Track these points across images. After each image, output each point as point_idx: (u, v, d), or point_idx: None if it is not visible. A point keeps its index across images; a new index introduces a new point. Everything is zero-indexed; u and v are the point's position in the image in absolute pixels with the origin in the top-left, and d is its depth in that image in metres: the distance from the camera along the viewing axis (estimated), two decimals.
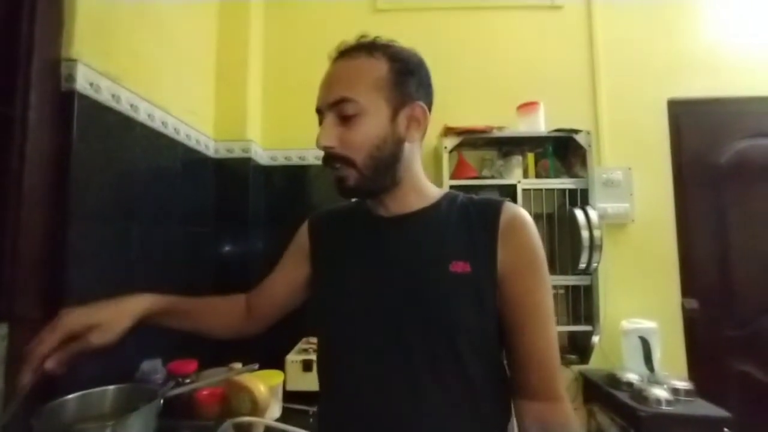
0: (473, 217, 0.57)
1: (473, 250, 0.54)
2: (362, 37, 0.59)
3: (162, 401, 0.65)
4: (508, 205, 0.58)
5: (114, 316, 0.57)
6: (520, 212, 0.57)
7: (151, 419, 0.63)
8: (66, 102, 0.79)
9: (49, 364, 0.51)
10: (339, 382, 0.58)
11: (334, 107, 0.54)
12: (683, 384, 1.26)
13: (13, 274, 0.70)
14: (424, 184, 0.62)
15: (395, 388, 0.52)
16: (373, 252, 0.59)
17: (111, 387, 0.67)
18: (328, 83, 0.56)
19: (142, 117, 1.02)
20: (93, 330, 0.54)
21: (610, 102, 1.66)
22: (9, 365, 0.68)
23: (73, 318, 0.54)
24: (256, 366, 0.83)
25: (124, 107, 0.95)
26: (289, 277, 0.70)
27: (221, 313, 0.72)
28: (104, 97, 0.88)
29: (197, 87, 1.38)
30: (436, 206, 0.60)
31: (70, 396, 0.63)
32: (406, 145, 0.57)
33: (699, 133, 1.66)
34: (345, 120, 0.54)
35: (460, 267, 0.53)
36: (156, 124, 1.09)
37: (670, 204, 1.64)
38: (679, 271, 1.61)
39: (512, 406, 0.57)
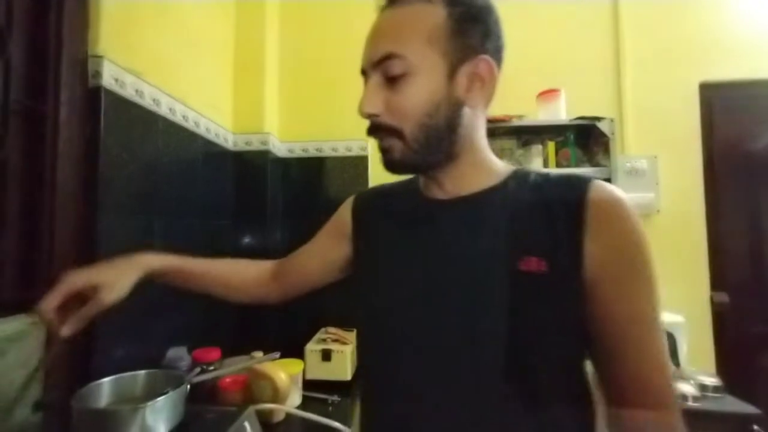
0: (552, 201, 0.45)
1: (552, 243, 0.43)
2: None
3: (188, 387, 0.68)
4: (599, 185, 0.44)
5: (118, 274, 0.56)
6: (615, 193, 0.44)
7: (179, 403, 0.66)
8: (93, 98, 0.82)
9: (65, 331, 0.52)
10: (376, 381, 0.53)
11: (380, 66, 0.46)
12: (711, 380, 1.22)
13: (49, 264, 0.74)
14: (488, 158, 0.51)
15: (442, 405, 0.44)
16: (423, 241, 0.50)
17: (141, 372, 0.70)
18: (374, 37, 0.47)
19: (163, 111, 1.05)
20: (101, 289, 0.53)
21: (636, 87, 1.59)
22: (47, 349, 0.72)
23: (77, 277, 0.54)
24: (278, 354, 0.85)
25: (147, 102, 0.97)
26: (326, 254, 0.64)
27: (242, 275, 0.68)
28: (128, 92, 0.91)
29: (216, 81, 1.40)
30: (502, 186, 0.49)
31: (105, 379, 0.66)
32: (466, 110, 0.47)
33: (733, 119, 1.57)
34: (391, 81, 0.45)
35: (533, 265, 0.42)
36: (177, 118, 1.11)
37: (699, 193, 1.56)
38: (708, 263, 1.55)
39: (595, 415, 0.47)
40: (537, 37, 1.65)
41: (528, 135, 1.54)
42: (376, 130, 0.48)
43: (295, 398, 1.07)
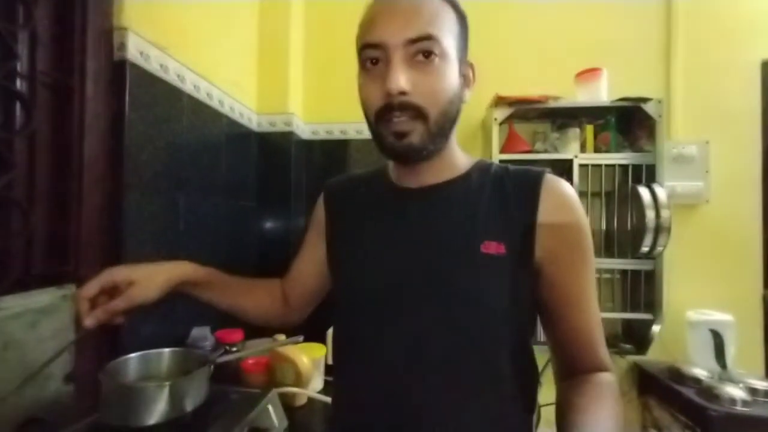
0: (509, 191, 0.50)
1: (509, 229, 0.48)
2: None
3: (213, 366, 0.67)
4: (550, 177, 0.51)
5: (153, 275, 0.58)
6: (564, 186, 0.51)
7: (203, 382, 0.64)
8: (119, 71, 0.80)
9: (88, 322, 0.53)
10: (353, 366, 0.54)
11: (412, 45, 0.45)
12: (763, 384, 1.13)
13: (78, 239, 0.74)
14: (457, 150, 0.56)
15: (414, 376, 0.48)
16: (395, 228, 0.53)
17: (167, 350, 0.69)
18: (404, 14, 0.46)
19: (188, 88, 1.03)
20: (133, 285, 0.55)
21: (688, 65, 1.45)
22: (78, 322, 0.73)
23: (116, 271, 0.56)
24: (301, 338, 0.82)
25: (171, 77, 0.95)
26: (314, 257, 0.65)
27: (258, 296, 0.69)
28: (153, 66, 0.89)
29: (240, 59, 1.37)
30: (466, 177, 0.53)
31: (132, 355, 0.66)
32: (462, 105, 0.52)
33: None
34: (419, 63, 0.46)
35: (493, 248, 0.47)
36: (201, 96, 1.09)
37: (755, 183, 1.43)
38: (762, 259, 1.42)
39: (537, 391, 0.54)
40: (577, 14, 1.53)
41: (564, 118, 1.44)
42: (396, 109, 0.46)
43: (317, 382, 1.05)
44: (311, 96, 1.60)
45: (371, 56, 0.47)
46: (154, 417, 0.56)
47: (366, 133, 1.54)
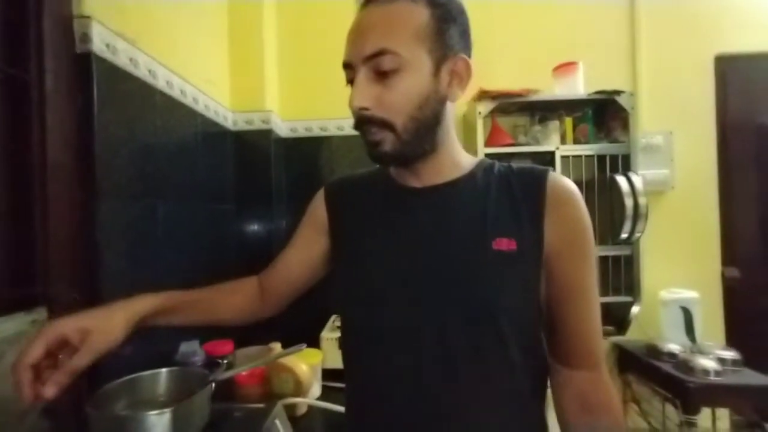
0: (516, 189, 0.51)
1: (518, 225, 0.49)
2: None
3: (214, 385, 0.62)
4: (554, 175, 0.52)
5: (109, 318, 0.50)
6: (568, 183, 0.52)
7: (205, 403, 0.60)
8: (83, 65, 0.71)
9: (48, 392, 0.43)
10: (368, 370, 0.54)
11: (370, 61, 0.47)
12: (730, 354, 1.23)
13: (46, 256, 0.65)
14: (459, 149, 0.56)
15: (431, 375, 0.49)
16: (403, 227, 0.53)
17: (162, 370, 0.63)
18: (362, 32, 0.48)
19: (160, 84, 0.94)
20: (90, 334, 0.47)
21: (651, 60, 1.55)
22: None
23: (61, 324, 0.47)
24: (304, 346, 0.79)
25: (142, 72, 0.87)
26: (305, 253, 0.64)
27: (231, 299, 0.65)
28: (122, 60, 0.80)
29: (211, 55, 1.28)
30: (471, 176, 0.54)
31: (122, 380, 0.60)
32: (448, 105, 0.52)
33: (748, 92, 1.55)
34: (382, 76, 0.47)
35: (504, 244, 0.48)
36: (175, 93, 1.00)
37: (712, 169, 1.55)
38: (719, 239, 1.55)
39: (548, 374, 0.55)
40: (550, 10, 1.57)
41: (542, 111, 1.48)
42: (365, 123, 0.49)
43: (315, 389, 1.02)
44: (287, 92, 1.53)
45: (347, 75, 0.50)
46: None
47: (347, 130, 1.52)
